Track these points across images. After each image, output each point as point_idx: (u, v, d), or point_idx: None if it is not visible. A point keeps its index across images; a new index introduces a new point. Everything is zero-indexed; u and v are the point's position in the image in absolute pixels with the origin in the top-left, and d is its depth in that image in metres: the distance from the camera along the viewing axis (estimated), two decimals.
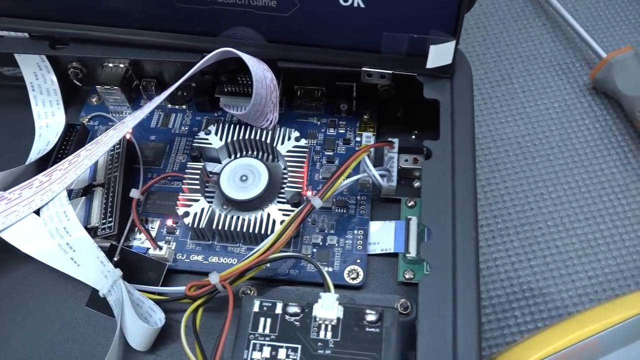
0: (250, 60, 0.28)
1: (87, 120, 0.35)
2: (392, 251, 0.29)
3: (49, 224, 0.28)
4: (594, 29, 0.40)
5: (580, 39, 0.39)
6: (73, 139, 0.33)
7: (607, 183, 0.34)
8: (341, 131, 0.34)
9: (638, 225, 0.33)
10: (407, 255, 0.29)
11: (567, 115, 0.37)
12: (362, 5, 0.27)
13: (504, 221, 0.33)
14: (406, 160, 0.32)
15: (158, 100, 0.29)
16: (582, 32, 0.38)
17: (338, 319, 0.26)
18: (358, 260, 0.30)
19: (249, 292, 0.29)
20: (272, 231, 0.28)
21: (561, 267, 0.31)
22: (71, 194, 0.31)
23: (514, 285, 0.31)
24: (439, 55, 0.28)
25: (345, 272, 0.29)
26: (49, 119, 0.34)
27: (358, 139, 0.33)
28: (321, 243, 0.30)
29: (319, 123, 0.34)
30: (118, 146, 0.32)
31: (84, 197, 0.30)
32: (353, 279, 0.29)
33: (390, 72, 0.29)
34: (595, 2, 0.42)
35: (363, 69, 0.29)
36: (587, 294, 0.31)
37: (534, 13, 0.42)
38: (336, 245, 0.30)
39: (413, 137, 0.34)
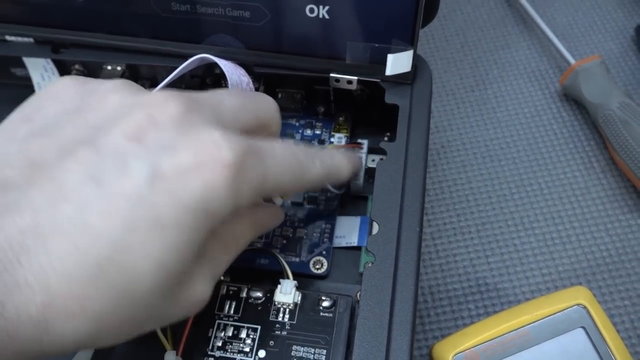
0: (225, 66, 0.31)
1: None
2: (355, 245, 0.32)
3: None
4: (571, 37, 0.42)
5: (554, 47, 0.40)
6: None
7: (569, 186, 0.36)
8: (317, 132, 0.36)
9: (595, 227, 0.34)
10: (370, 252, 0.31)
11: (536, 120, 0.38)
12: (327, 16, 0.30)
13: (466, 220, 0.35)
14: (373, 160, 0.34)
15: None
16: (554, 40, 0.40)
17: (295, 303, 0.28)
18: (324, 252, 0.32)
19: (221, 278, 0.32)
20: None
21: (517, 264, 0.33)
22: None
23: (470, 280, 0.33)
24: (398, 63, 0.30)
25: (311, 262, 0.32)
26: None
27: (332, 139, 0.36)
28: (291, 235, 0.33)
29: (297, 124, 0.37)
30: None
31: None
32: (318, 269, 0.31)
33: (356, 78, 0.32)
34: (573, 11, 0.43)
35: (331, 75, 0.32)
36: (539, 290, 0.32)
37: (513, 21, 0.43)
38: (304, 237, 0.32)
39: (385, 139, 0.36)
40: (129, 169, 0.19)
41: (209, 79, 0.36)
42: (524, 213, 0.35)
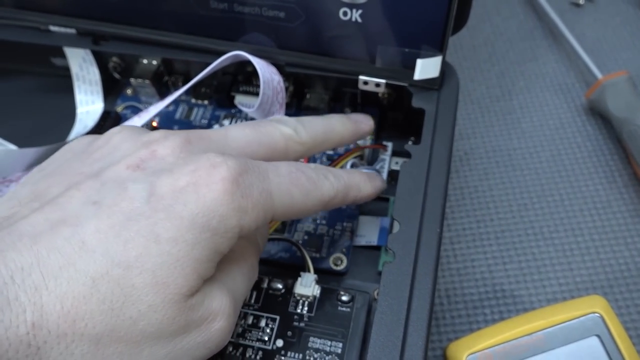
0: (258, 64, 0.32)
1: (121, 109, 0.40)
2: (375, 244, 0.32)
3: None
4: (599, 53, 0.42)
5: (581, 62, 0.41)
6: (107, 124, 0.38)
7: (590, 198, 0.36)
8: None
9: (614, 240, 0.34)
10: (389, 249, 0.32)
11: (560, 133, 0.39)
12: (359, 20, 0.30)
13: (486, 226, 0.35)
14: (397, 163, 0.35)
15: (176, 94, 0.33)
16: (582, 54, 0.40)
17: (314, 296, 0.29)
18: (344, 250, 0.33)
19: None
20: None
21: (534, 272, 0.34)
22: None
23: (487, 285, 0.33)
24: (426, 68, 0.31)
25: (331, 259, 0.32)
26: (89, 106, 0.39)
27: (358, 141, 0.36)
28: (313, 231, 0.33)
29: None
30: None
31: None
32: (337, 265, 0.32)
33: (384, 81, 0.32)
34: (603, 27, 0.43)
35: (360, 77, 0.33)
36: (555, 299, 0.33)
37: (541, 34, 0.44)
38: (326, 234, 0.33)
39: (410, 142, 0.36)
40: (127, 190, 0.20)
41: (240, 76, 0.37)
42: (543, 223, 0.35)
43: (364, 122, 0.31)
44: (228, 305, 0.21)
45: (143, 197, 0.20)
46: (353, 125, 0.30)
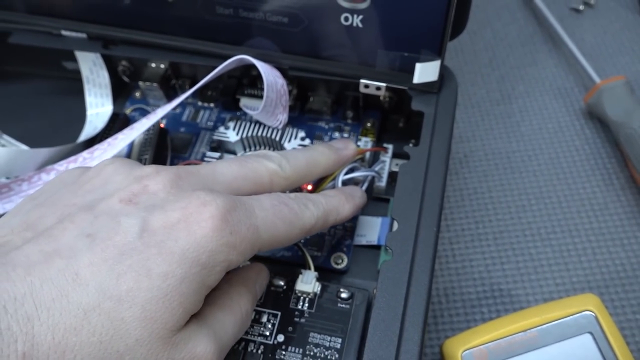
0: (262, 67, 0.33)
1: (129, 111, 0.41)
2: (375, 243, 0.33)
3: None
4: (598, 57, 0.43)
5: (580, 67, 0.41)
6: (116, 125, 0.39)
7: (588, 200, 0.37)
8: (345, 135, 0.38)
9: (611, 241, 0.35)
10: (388, 248, 0.33)
11: (559, 136, 0.39)
12: (360, 25, 0.31)
13: (484, 227, 0.36)
14: (397, 165, 0.35)
15: (183, 97, 0.34)
16: (581, 59, 0.41)
17: (315, 293, 0.30)
18: (344, 249, 0.33)
19: None
20: None
21: (531, 272, 0.34)
22: None
23: (485, 284, 0.34)
24: (425, 72, 0.32)
25: (332, 257, 0.33)
26: (98, 108, 0.40)
27: (359, 143, 0.37)
28: None
29: (326, 127, 0.38)
30: (152, 132, 0.37)
31: None
32: (338, 264, 0.33)
33: (384, 84, 0.33)
34: (602, 33, 0.44)
35: (361, 80, 0.34)
36: (552, 298, 0.33)
37: (541, 40, 0.44)
38: (327, 233, 0.34)
39: (410, 145, 0.37)
40: (121, 224, 0.20)
41: (245, 79, 0.38)
42: (541, 224, 0.36)
43: (345, 149, 0.31)
44: (212, 352, 0.22)
45: (136, 232, 0.20)
46: (335, 155, 0.30)
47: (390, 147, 0.36)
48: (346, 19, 0.31)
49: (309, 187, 0.34)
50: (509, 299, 0.33)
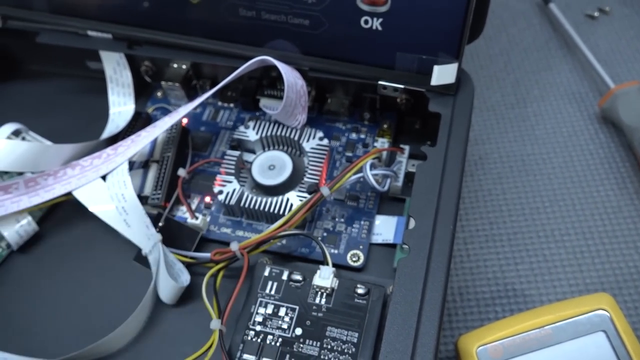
0: (283, 68, 0.34)
1: (151, 110, 0.42)
2: (391, 242, 0.34)
3: (111, 189, 0.34)
4: (612, 63, 0.43)
5: (595, 72, 0.42)
6: (138, 124, 0.40)
7: (601, 203, 0.37)
8: (362, 136, 0.39)
9: (624, 244, 0.35)
10: (404, 246, 0.33)
11: (573, 140, 0.40)
12: (379, 28, 0.32)
13: (499, 228, 0.37)
14: (413, 165, 0.36)
15: (204, 97, 0.35)
16: (596, 64, 0.41)
17: (332, 288, 0.31)
18: (361, 247, 0.34)
19: (264, 262, 0.34)
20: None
21: (545, 273, 0.35)
22: (133, 166, 0.37)
23: (499, 284, 0.34)
24: (443, 74, 0.32)
25: (349, 255, 0.34)
26: (121, 107, 0.41)
27: (375, 144, 0.38)
28: (331, 229, 0.35)
29: (343, 128, 0.39)
30: (174, 131, 0.38)
31: (142, 170, 0.37)
32: (354, 261, 0.34)
33: (402, 86, 0.34)
34: (617, 39, 0.45)
35: (379, 82, 0.34)
36: (565, 299, 0.34)
37: (556, 45, 0.45)
38: (344, 231, 0.35)
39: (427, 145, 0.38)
40: None
41: (265, 80, 0.39)
42: (555, 226, 0.36)
43: None
44: None
45: None
46: None
47: (407, 147, 0.36)
48: (366, 22, 0.32)
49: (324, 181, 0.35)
50: (523, 298, 0.34)
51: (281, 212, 0.34)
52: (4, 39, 0.43)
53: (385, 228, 0.35)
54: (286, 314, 0.30)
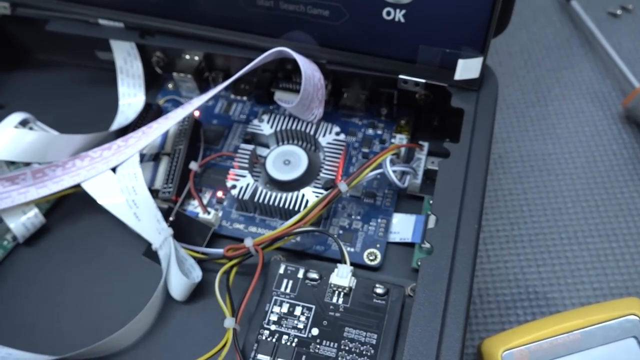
0: (301, 60, 0.33)
1: (162, 102, 0.41)
2: (409, 241, 0.33)
3: (121, 182, 0.33)
4: (636, 62, 0.42)
5: (618, 70, 0.41)
6: (149, 115, 0.39)
7: (625, 205, 0.36)
8: (379, 132, 0.38)
9: None
10: (423, 245, 0.32)
11: (596, 140, 0.39)
12: (402, 20, 0.31)
13: (520, 229, 0.35)
14: (432, 162, 0.35)
15: (218, 88, 0.34)
16: (619, 63, 0.40)
17: (350, 288, 0.29)
18: (378, 245, 0.33)
19: (278, 259, 0.33)
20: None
21: (568, 276, 0.34)
22: (143, 158, 0.36)
23: (520, 286, 0.33)
24: (467, 69, 0.31)
25: (365, 253, 0.33)
26: (131, 98, 0.40)
27: (393, 140, 0.37)
28: (347, 226, 0.34)
29: (360, 123, 0.38)
30: (186, 123, 0.37)
31: (152, 162, 0.36)
32: (371, 260, 0.33)
33: (424, 81, 0.33)
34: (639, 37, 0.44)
35: (400, 76, 0.33)
36: (589, 303, 0.33)
37: (578, 43, 0.44)
38: (360, 229, 0.34)
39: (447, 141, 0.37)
40: None
41: (280, 73, 0.38)
42: (578, 227, 0.35)
43: None
44: None
45: None
46: None
47: (426, 144, 0.35)
48: (388, 13, 0.31)
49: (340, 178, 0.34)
50: (545, 302, 0.33)
51: (296, 208, 0.33)
52: (13, 27, 0.42)
53: (403, 226, 0.34)
54: (302, 313, 0.29)
